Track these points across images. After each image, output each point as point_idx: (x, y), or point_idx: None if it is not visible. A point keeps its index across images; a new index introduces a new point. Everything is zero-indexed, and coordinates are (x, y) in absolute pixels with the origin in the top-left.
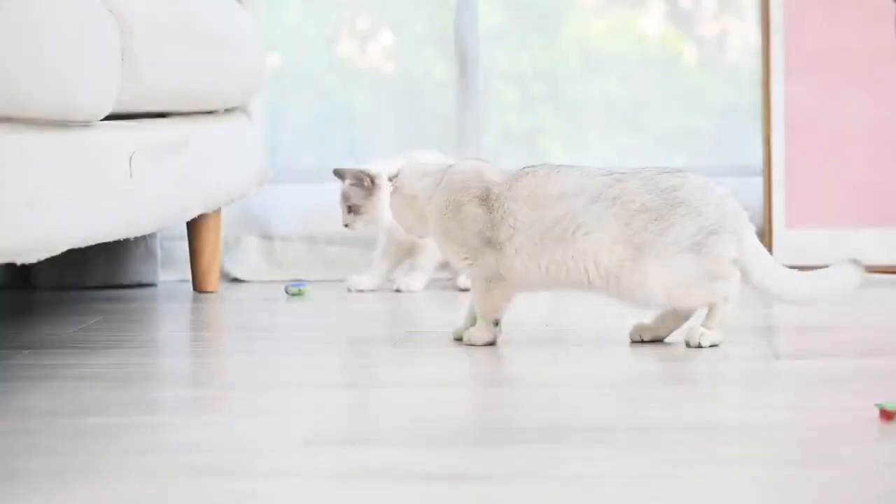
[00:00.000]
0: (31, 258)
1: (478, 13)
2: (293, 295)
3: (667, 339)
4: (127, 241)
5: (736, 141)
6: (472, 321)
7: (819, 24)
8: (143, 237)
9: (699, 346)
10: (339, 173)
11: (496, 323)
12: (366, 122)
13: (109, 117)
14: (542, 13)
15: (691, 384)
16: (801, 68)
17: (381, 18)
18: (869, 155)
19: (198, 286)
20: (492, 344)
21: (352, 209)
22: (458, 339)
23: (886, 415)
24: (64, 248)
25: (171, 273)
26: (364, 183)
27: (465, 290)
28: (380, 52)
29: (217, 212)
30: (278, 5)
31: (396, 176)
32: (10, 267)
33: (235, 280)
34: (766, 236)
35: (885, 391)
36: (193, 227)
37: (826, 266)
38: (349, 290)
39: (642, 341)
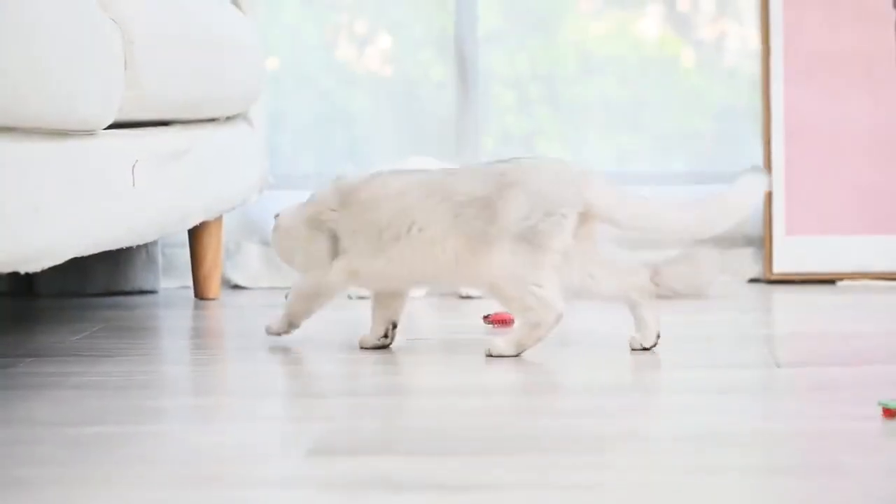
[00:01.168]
0: (35, 267)
1: (477, 16)
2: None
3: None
4: (129, 248)
5: (735, 143)
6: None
7: (819, 27)
8: (145, 244)
9: (489, 356)
10: None
11: (394, 325)
12: (365, 124)
13: (112, 126)
14: (540, 16)
15: (691, 392)
16: (800, 71)
17: (379, 21)
18: (870, 159)
19: (199, 293)
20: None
21: None
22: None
23: (889, 412)
24: (67, 257)
25: (173, 280)
26: None
27: (468, 297)
28: (378, 56)
29: (218, 219)
30: (276, 8)
31: (278, 214)
32: (13, 275)
33: (236, 286)
34: (766, 244)
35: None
36: (195, 233)
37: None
38: (350, 297)
39: (643, 349)
